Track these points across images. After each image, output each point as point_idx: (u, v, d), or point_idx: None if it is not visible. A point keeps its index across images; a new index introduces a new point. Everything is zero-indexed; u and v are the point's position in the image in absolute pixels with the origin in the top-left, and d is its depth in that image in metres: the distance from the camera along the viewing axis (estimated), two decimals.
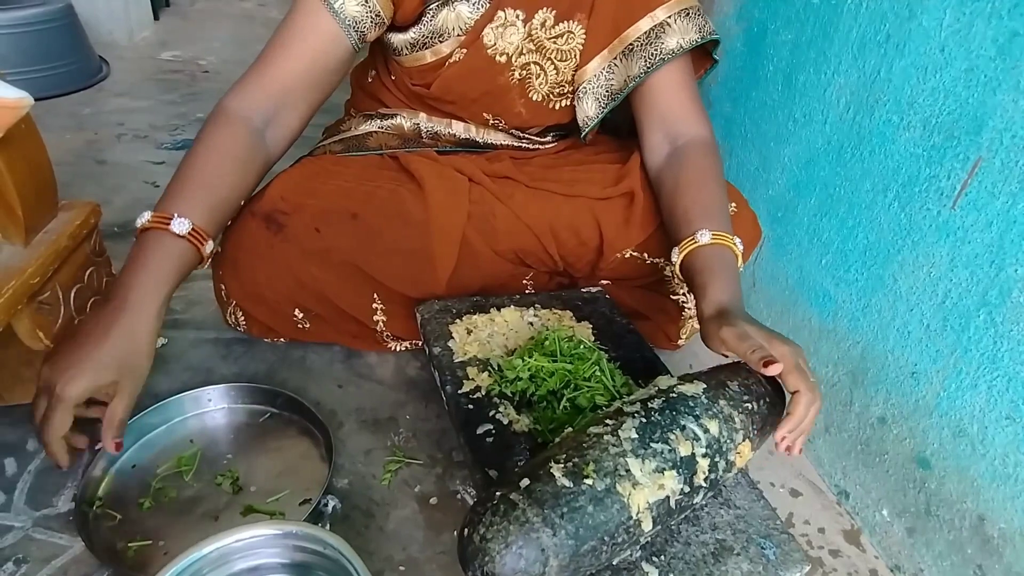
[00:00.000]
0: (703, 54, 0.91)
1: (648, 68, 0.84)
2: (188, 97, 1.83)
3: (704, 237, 0.73)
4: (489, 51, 0.85)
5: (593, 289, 0.94)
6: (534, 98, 0.90)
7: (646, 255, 0.89)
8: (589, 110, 0.89)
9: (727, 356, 0.66)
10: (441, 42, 0.85)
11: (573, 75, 0.89)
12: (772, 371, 0.59)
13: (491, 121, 0.93)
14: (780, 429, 0.60)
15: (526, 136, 0.98)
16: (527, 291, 0.96)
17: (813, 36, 0.84)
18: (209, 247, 0.72)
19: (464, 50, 0.85)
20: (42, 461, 0.75)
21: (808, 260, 0.87)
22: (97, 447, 0.66)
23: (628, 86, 0.86)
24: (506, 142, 0.98)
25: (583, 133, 0.92)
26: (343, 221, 0.83)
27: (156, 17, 2.43)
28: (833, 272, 0.83)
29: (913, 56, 0.70)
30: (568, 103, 0.92)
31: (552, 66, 0.87)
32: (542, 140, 1.00)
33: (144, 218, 0.68)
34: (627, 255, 0.89)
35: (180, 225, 0.68)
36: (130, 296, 0.65)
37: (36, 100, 0.62)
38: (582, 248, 0.90)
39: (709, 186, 0.81)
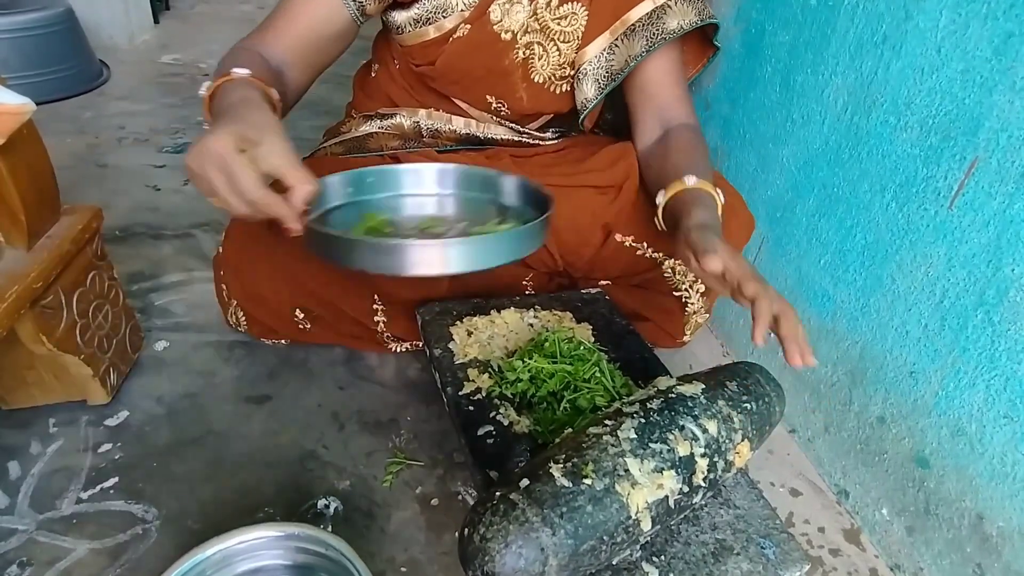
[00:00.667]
0: (704, 42, 0.93)
1: (649, 47, 0.86)
2: (189, 100, 1.83)
3: (691, 180, 0.76)
4: (495, 27, 0.86)
5: (593, 290, 0.94)
6: (536, 79, 0.91)
7: (644, 244, 0.89)
8: (588, 91, 0.90)
9: (728, 355, 0.66)
10: (444, 17, 0.86)
11: (575, 57, 0.90)
12: (707, 263, 0.60)
13: (493, 105, 0.93)
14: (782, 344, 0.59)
15: (527, 132, 0.98)
16: (527, 292, 0.96)
17: (811, 37, 0.84)
18: (275, 94, 0.71)
19: (468, 25, 0.86)
20: (46, 464, 0.75)
21: (807, 260, 0.87)
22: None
23: (629, 66, 0.87)
24: (506, 137, 0.98)
25: (581, 117, 0.92)
26: None
27: (156, 21, 2.43)
28: (832, 272, 0.83)
29: (910, 57, 0.70)
30: (569, 88, 0.93)
31: (555, 47, 0.88)
32: (542, 136, 1.00)
33: (204, 87, 0.69)
34: (627, 243, 0.89)
35: (240, 72, 0.69)
36: (236, 104, 0.64)
37: (37, 104, 0.62)
38: (584, 247, 0.90)
39: (697, 152, 0.84)
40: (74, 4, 1.80)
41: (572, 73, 0.91)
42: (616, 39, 0.87)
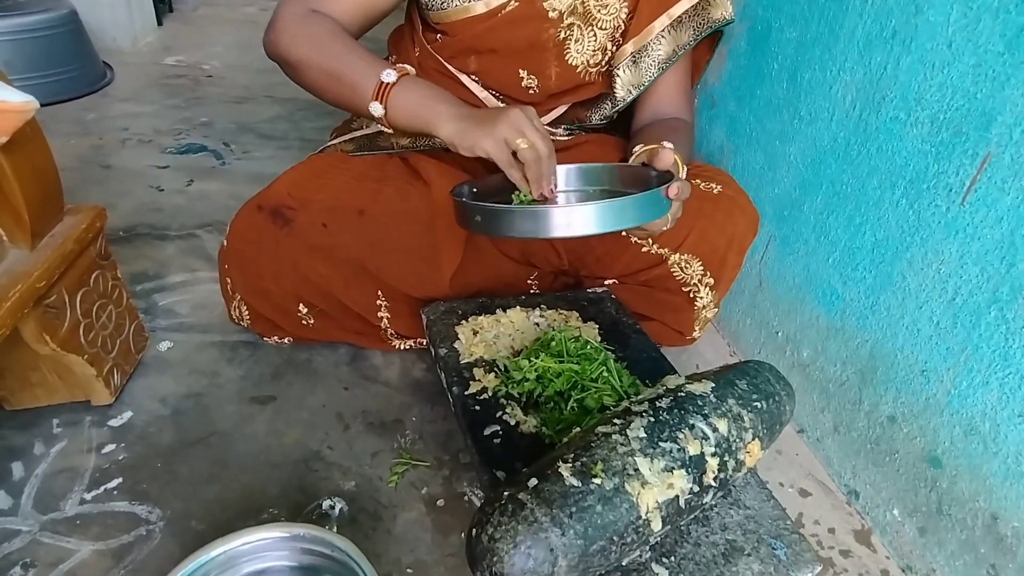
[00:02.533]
0: (711, 36, 0.98)
1: (696, 36, 0.92)
2: (192, 101, 1.84)
3: (638, 148, 0.83)
4: (544, 4, 0.88)
5: (599, 289, 0.94)
6: (570, 62, 0.93)
7: (649, 240, 0.89)
8: (634, 79, 0.93)
9: (734, 355, 0.66)
10: None
11: (610, 45, 0.92)
12: (661, 159, 0.75)
13: (524, 82, 0.94)
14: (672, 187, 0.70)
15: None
16: (532, 291, 0.96)
17: (818, 33, 0.83)
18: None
19: (517, 2, 0.87)
20: (50, 465, 0.75)
21: (815, 258, 0.87)
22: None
23: (677, 55, 0.92)
24: None
25: (623, 105, 0.96)
26: (349, 217, 0.83)
27: (159, 23, 2.44)
28: (841, 270, 0.82)
29: (920, 52, 0.69)
30: (599, 76, 0.96)
31: (592, 32, 0.91)
32: (554, 131, 1.00)
33: (392, 75, 0.77)
34: (633, 239, 0.89)
35: (409, 68, 0.79)
36: (450, 101, 0.77)
37: (41, 106, 0.62)
38: (589, 240, 0.89)
39: (682, 134, 0.91)
40: (78, 6, 1.81)
41: (604, 60, 0.93)
42: (663, 30, 0.91)
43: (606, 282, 0.96)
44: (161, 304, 1.02)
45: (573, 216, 0.67)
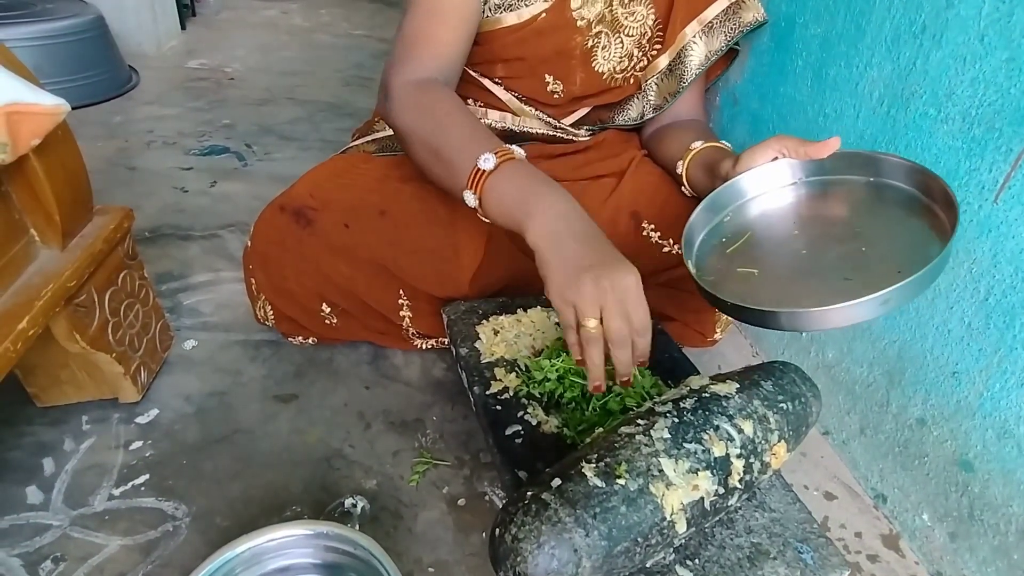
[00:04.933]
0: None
1: (728, 41, 0.92)
2: (215, 104, 1.86)
3: (698, 144, 0.83)
4: (573, 13, 0.88)
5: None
6: (597, 69, 0.93)
7: (671, 241, 0.88)
8: (681, 82, 0.93)
9: (757, 356, 0.65)
10: (526, 6, 0.87)
11: (636, 52, 0.93)
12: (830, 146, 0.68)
13: (550, 87, 0.94)
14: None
15: (561, 127, 0.98)
16: None
17: (844, 29, 0.82)
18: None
19: (546, 14, 0.87)
20: (79, 461, 0.76)
21: None
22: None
23: (709, 60, 0.92)
24: (541, 131, 0.98)
25: (664, 108, 0.96)
26: (371, 218, 0.83)
27: (183, 27, 2.48)
28: None
29: (951, 46, 0.68)
30: (624, 82, 0.96)
31: (619, 40, 0.91)
32: (576, 132, 1.00)
33: (491, 160, 0.65)
34: (654, 239, 0.88)
35: (519, 152, 0.69)
36: (564, 203, 0.64)
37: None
38: (610, 235, 0.89)
39: (701, 127, 0.93)
40: (104, 12, 1.84)
41: (630, 66, 0.94)
42: (695, 36, 0.91)
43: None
44: (186, 303, 1.04)
45: (837, 315, 0.55)
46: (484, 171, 0.65)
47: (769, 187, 0.74)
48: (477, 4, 0.84)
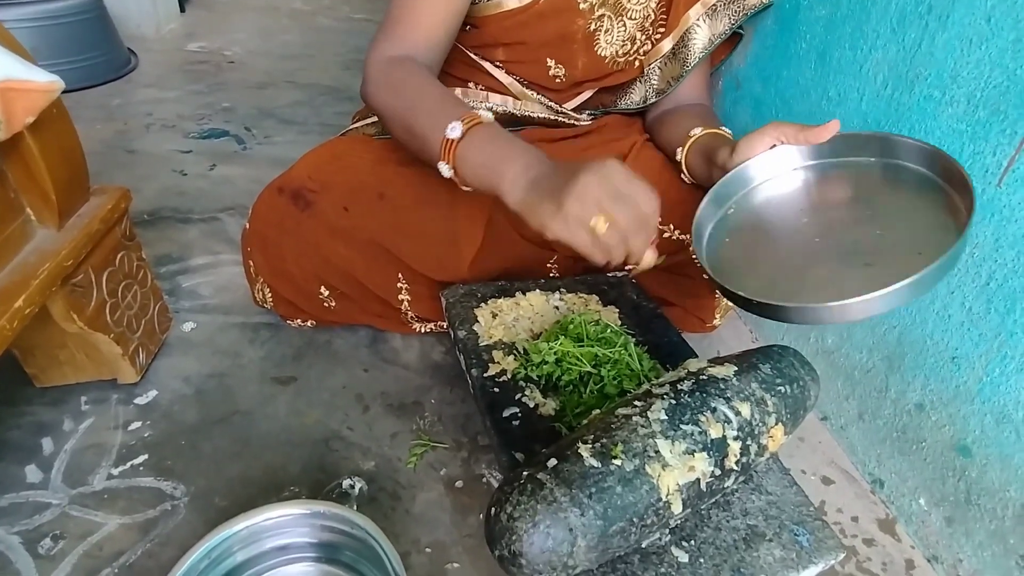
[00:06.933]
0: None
1: (732, 24, 0.91)
2: (214, 87, 1.85)
3: (697, 131, 0.83)
4: None
5: (619, 274, 0.93)
6: (599, 53, 0.92)
7: (671, 226, 0.88)
8: (684, 65, 0.92)
9: (756, 341, 0.65)
10: None
11: (639, 35, 0.92)
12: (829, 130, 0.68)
13: (551, 71, 0.93)
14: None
15: (563, 112, 0.97)
16: (552, 275, 0.95)
17: (849, 10, 0.81)
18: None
19: None
20: (78, 441, 0.76)
21: None
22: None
23: (713, 43, 0.91)
24: (543, 116, 0.97)
25: (667, 92, 0.95)
26: (370, 200, 0.83)
27: (183, 9, 2.45)
28: None
29: (957, 28, 0.67)
30: (627, 65, 0.95)
31: (622, 23, 0.89)
32: (578, 116, 0.99)
33: (458, 128, 0.65)
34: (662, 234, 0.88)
35: (486, 116, 0.68)
36: (519, 159, 0.63)
37: (67, 92, 0.62)
38: None
39: (705, 112, 0.92)
40: None
41: (632, 49, 0.93)
42: (698, 18, 0.90)
43: (626, 267, 0.95)
44: (185, 286, 1.04)
45: (848, 310, 0.54)
46: (453, 140, 0.65)
47: (776, 172, 0.73)
48: None
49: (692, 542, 0.56)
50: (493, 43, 0.91)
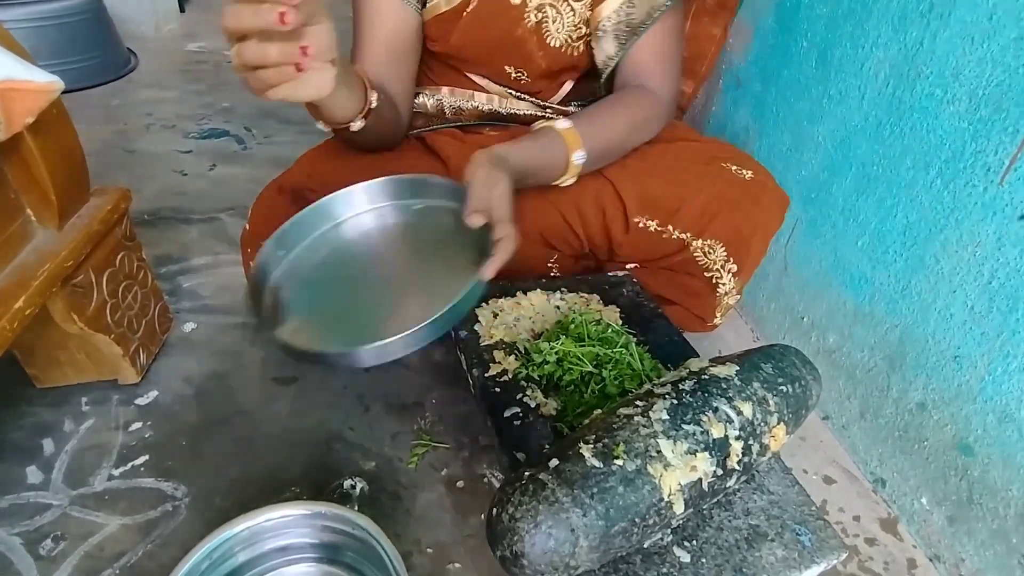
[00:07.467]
0: None
1: None
2: (214, 87, 1.85)
3: (562, 124, 0.78)
4: None
5: (620, 273, 0.93)
6: (552, 44, 0.88)
7: (670, 227, 0.87)
8: (609, 48, 0.87)
9: (757, 340, 0.64)
10: None
11: (590, 15, 0.86)
12: (473, 221, 0.63)
13: (513, 75, 0.91)
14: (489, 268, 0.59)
15: (549, 106, 0.97)
16: (552, 274, 0.95)
17: (851, 9, 0.81)
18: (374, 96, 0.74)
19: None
20: (79, 442, 0.76)
21: (843, 242, 0.84)
22: None
23: (652, 17, 0.84)
24: (530, 112, 0.96)
25: (603, 76, 0.89)
26: None
27: (182, 10, 2.45)
28: (870, 254, 0.80)
29: (958, 25, 0.66)
30: (585, 47, 0.90)
31: (568, 7, 0.85)
32: (564, 110, 0.98)
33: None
34: (651, 228, 0.87)
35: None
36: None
37: (66, 92, 0.62)
38: (611, 224, 0.88)
39: (615, 109, 0.84)
40: None
41: (588, 32, 0.88)
42: None
43: (628, 266, 0.94)
44: (185, 286, 1.03)
45: (373, 354, 0.53)
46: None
47: (342, 215, 0.73)
48: (403, 14, 0.83)
49: (694, 542, 0.56)
50: (448, 50, 0.89)
